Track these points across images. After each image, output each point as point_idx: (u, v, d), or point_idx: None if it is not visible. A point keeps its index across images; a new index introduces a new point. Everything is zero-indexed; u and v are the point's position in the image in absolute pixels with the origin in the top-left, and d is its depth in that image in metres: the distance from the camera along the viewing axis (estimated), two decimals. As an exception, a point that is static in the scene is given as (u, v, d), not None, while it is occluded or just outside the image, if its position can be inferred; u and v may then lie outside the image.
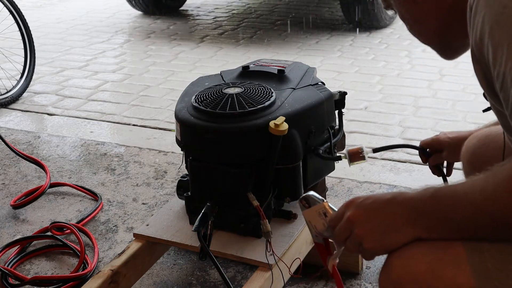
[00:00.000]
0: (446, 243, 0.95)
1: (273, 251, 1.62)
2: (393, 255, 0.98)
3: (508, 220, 0.91)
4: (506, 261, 0.92)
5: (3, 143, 2.68)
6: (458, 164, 1.65)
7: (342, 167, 1.99)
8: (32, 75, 3.73)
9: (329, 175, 1.88)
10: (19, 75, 3.70)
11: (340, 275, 1.24)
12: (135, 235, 1.84)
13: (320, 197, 1.21)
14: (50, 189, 2.50)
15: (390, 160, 2.74)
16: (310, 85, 1.82)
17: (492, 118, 1.41)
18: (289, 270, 1.64)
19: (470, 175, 0.99)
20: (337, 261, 1.19)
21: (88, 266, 1.99)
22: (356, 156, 1.71)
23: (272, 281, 1.62)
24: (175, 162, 2.72)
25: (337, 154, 1.80)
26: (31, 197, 2.39)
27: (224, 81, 1.88)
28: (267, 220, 1.63)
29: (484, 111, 1.41)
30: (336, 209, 1.15)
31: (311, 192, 1.22)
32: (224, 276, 1.61)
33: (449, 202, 0.96)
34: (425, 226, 0.98)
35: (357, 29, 4.85)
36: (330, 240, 1.20)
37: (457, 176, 1.42)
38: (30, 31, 3.74)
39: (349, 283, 1.91)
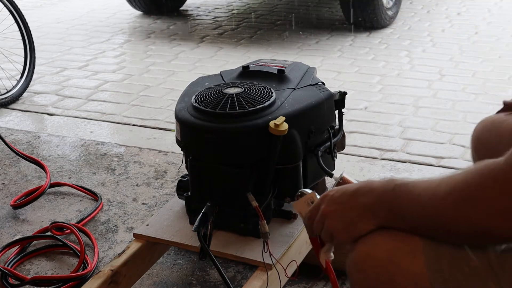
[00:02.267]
0: (408, 235, 1.00)
1: (270, 252, 1.62)
2: (359, 242, 1.04)
3: (450, 229, 0.96)
4: (459, 258, 0.97)
5: (3, 143, 2.68)
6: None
7: (342, 167, 1.99)
8: (32, 75, 3.73)
9: (329, 175, 1.88)
10: (19, 75, 3.70)
11: (334, 271, 1.25)
12: (135, 235, 1.84)
13: (310, 190, 1.28)
14: (50, 189, 2.50)
15: (390, 160, 2.74)
16: (310, 85, 1.82)
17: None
18: (285, 273, 1.64)
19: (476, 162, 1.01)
20: (332, 256, 1.21)
21: (88, 266, 1.99)
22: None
23: (272, 282, 1.62)
24: (175, 162, 2.72)
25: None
26: (31, 197, 2.39)
27: (224, 81, 1.88)
28: (265, 221, 1.63)
29: (497, 113, 1.45)
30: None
31: (303, 189, 1.31)
32: (224, 276, 1.61)
33: (404, 200, 1.01)
34: (384, 218, 1.03)
35: (357, 29, 4.86)
36: None
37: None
38: (30, 31, 3.74)
39: (349, 283, 1.90)
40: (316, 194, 1.25)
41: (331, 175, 1.76)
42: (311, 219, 1.16)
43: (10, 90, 3.58)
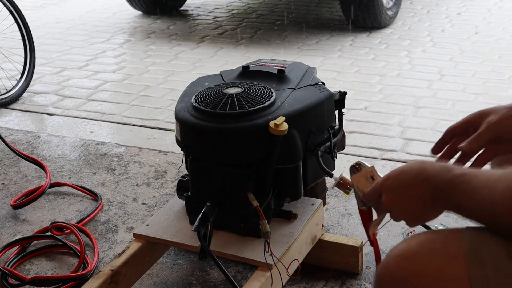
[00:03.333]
0: (453, 253, 0.98)
1: (271, 252, 1.62)
2: (400, 256, 1.02)
3: (505, 225, 0.96)
4: (505, 277, 0.95)
5: (3, 143, 2.68)
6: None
7: (342, 167, 1.98)
8: (32, 75, 3.73)
9: (329, 175, 1.88)
10: (19, 75, 3.70)
11: (378, 245, 1.32)
12: (135, 235, 1.84)
13: (369, 164, 1.36)
14: (50, 189, 2.50)
15: (390, 160, 2.74)
16: (310, 85, 1.82)
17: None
18: (287, 272, 1.64)
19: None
20: (378, 230, 1.29)
21: (88, 266, 1.99)
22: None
23: (272, 281, 1.62)
24: (175, 162, 2.72)
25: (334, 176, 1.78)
26: (31, 197, 2.39)
27: (224, 81, 1.88)
28: (266, 221, 1.63)
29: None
30: (381, 175, 1.24)
31: (360, 160, 1.38)
32: (227, 275, 1.61)
33: (462, 193, 1.01)
34: (443, 207, 1.06)
35: (357, 29, 4.85)
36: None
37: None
38: (30, 31, 3.74)
39: (349, 283, 1.91)
40: (375, 169, 1.32)
41: (331, 175, 1.76)
42: (371, 201, 1.21)
43: (10, 90, 3.58)
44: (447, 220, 1.99)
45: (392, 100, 3.48)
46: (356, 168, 1.36)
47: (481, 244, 0.98)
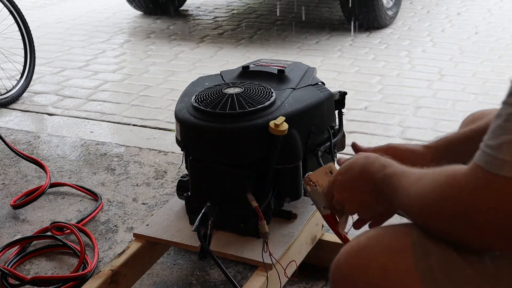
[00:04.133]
0: (400, 247, 0.99)
1: (270, 252, 1.62)
2: (349, 253, 1.03)
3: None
4: (453, 267, 0.95)
5: (3, 143, 2.68)
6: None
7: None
8: (32, 75, 3.73)
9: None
10: (19, 75, 3.70)
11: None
12: (135, 235, 1.84)
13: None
14: (50, 189, 2.50)
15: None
16: (310, 85, 1.82)
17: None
18: (285, 273, 1.64)
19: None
20: (346, 229, 1.31)
21: (88, 266, 1.99)
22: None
23: (272, 282, 1.62)
24: (175, 162, 2.72)
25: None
26: (31, 197, 2.39)
27: (224, 81, 1.88)
28: (265, 221, 1.63)
29: None
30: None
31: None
32: (227, 275, 1.61)
33: (391, 193, 1.06)
34: (383, 201, 1.12)
35: (357, 29, 4.85)
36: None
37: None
38: (30, 31, 3.73)
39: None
40: (335, 163, 1.36)
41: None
42: (329, 200, 1.27)
43: (10, 90, 3.58)
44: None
45: (392, 100, 3.48)
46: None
47: (427, 236, 0.98)
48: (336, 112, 1.88)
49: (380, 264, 0.99)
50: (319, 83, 1.85)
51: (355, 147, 1.43)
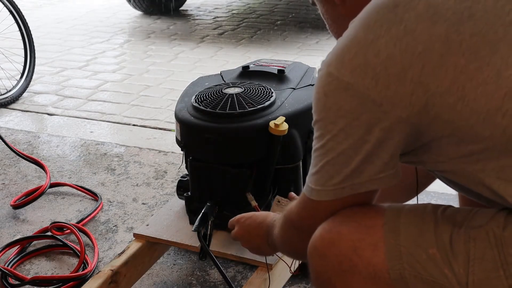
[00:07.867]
0: (371, 224, 1.04)
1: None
2: (324, 229, 1.08)
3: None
4: (419, 245, 1.00)
5: (3, 143, 2.68)
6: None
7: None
8: (32, 75, 3.73)
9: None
10: (19, 75, 3.70)
11: None
12: (135, 235, 1.84)
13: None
14: (50, 189, 2.50)
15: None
16: (310, 85, 1.82)
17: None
18: (290, 269, 1.64)
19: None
20: None
21: (88, 266, 1.99)
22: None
23: (273, 281, 1.62)
24: (175, 162, 2.72)
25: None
26: (31, 197, 2.39)
27: (224, 81, 1.88)
28: (265, 221, 1.63)
29: None
30: (287, 200, 1.61)
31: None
32: (225, 276, 1.61)
33: (272, 242, 1.37)
34: (273, 249, 1.40)
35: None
36: None
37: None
38: (30, 31, 3.74)
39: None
40: (279, 196, 1.64)
41: None
42: (230, 227, 1.53)
43: (10, 90, 3.58)
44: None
45: (392, 100, 3.48)
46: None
47: (398, 216, 1.03)
48: (336, 112, 1.87)
49: (350, 238, 1.04)
50: (319, 83, 1.85)
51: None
